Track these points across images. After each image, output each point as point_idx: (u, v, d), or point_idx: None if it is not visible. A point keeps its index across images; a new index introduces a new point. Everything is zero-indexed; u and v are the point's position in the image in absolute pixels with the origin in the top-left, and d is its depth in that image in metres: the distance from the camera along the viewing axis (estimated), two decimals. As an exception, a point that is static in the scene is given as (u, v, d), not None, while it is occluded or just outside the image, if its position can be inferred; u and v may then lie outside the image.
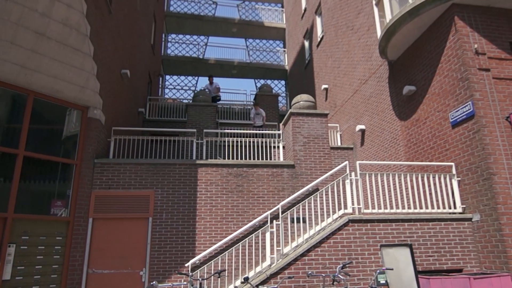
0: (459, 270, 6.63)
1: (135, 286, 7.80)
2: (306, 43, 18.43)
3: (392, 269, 5.75)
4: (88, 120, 8.39)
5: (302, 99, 9.68)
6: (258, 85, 24.16)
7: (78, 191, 7.96)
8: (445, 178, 7.27)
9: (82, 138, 8.24)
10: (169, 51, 22.39)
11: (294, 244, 6.58)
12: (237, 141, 9.78)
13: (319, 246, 6.36)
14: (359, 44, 11.81)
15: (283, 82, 23.85)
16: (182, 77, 23.21)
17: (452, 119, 7.37)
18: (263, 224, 7.92)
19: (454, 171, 7.23)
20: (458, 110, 7.19)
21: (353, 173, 6.96)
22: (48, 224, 7.39)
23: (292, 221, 7.21)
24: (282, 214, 6.77)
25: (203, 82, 52.10)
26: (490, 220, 6.45)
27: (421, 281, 6.13)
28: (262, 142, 10.10)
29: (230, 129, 12.53)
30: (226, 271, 6.12)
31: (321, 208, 7.43)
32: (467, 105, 6.97)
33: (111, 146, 9.12)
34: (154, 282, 4.72)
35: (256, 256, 6.94)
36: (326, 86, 14.74)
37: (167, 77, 22.81)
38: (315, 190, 8.31)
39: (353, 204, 6.87)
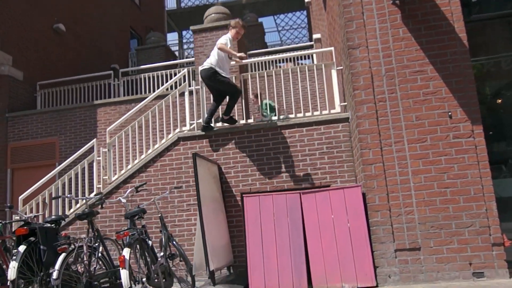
0: (324, 187, 5.00)
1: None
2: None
3: (181, 187, 4.58)
4: (-4, 77, 8.59)
5: (210, 12, 8.35)
6: (278, 22, 22.16)
7: (-8, 145, 8.36)
8: (319, 69, 5.45)
9: (-9, 95, 8.52)
10: (182, 4, 21.81)
11: (123, 171, 5.79)
12: (154, 76, 8.99)
13: (144, 171, 5.45)
14: None
15: (306, 12, 21.34)
16: (200, 29, 22.53)
17: (325, -12, 5.38)
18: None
19: (334, 58, 5.36)
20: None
21: (193, 82, 5.71)
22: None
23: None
24: (109, 140, 6.00)
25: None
26: (353, 113, 4.60)
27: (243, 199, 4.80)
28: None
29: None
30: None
31: (154, 129, 6.39)
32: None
33: (37, 100, 9.27)
34: None
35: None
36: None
37: (184, 32, 22.41)
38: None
39: (191, 119, 5.68)
